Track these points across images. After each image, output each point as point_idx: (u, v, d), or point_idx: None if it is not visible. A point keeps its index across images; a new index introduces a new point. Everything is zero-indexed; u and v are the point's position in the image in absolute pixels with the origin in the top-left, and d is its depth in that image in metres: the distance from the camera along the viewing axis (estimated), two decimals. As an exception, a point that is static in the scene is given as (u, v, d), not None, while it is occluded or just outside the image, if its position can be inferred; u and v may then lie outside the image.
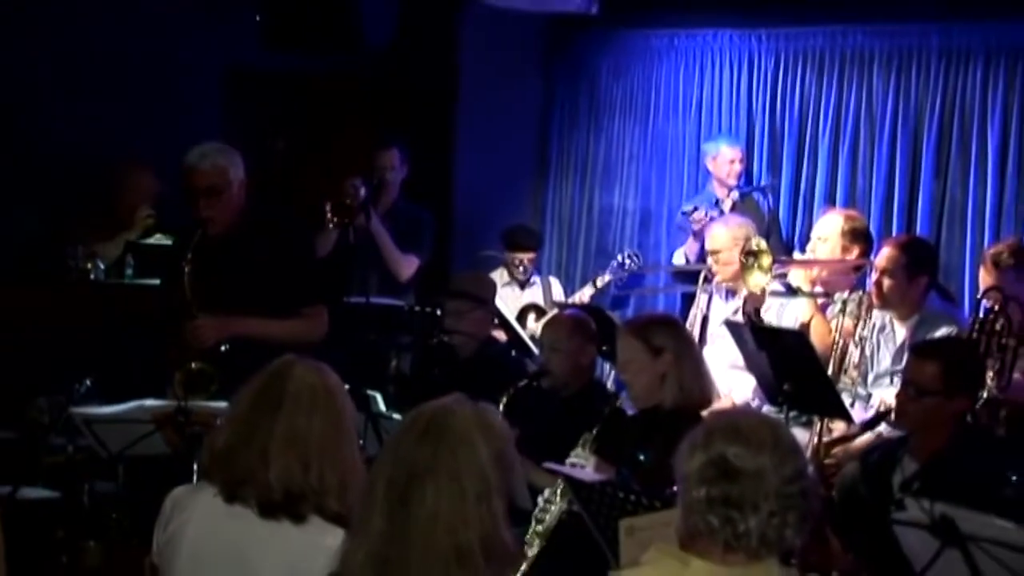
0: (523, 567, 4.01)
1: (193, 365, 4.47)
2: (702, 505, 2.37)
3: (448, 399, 2.54)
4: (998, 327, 4.45)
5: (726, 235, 5.79)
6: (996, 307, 4.49)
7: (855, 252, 5.48)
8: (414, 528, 2.38)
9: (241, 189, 4.64)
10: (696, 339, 5.83)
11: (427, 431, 2.46)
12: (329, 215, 6.03)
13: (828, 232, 5.53)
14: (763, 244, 5.29)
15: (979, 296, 4.76)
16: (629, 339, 4.27)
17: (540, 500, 4.14)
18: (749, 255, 5.25)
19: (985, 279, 4.81)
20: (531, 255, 7.05)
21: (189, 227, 4.66)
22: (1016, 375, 4.49)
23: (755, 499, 2.34)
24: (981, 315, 4.52)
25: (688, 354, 4.27)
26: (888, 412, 4.12)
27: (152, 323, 4.86)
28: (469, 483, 2.40)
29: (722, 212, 6.74)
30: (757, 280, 5.23)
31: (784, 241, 7.10)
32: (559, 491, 4.12)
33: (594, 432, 4.32)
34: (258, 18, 6.66)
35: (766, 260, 5.23)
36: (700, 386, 4.25)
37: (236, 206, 4.63)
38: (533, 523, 4.11)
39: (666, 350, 4.18)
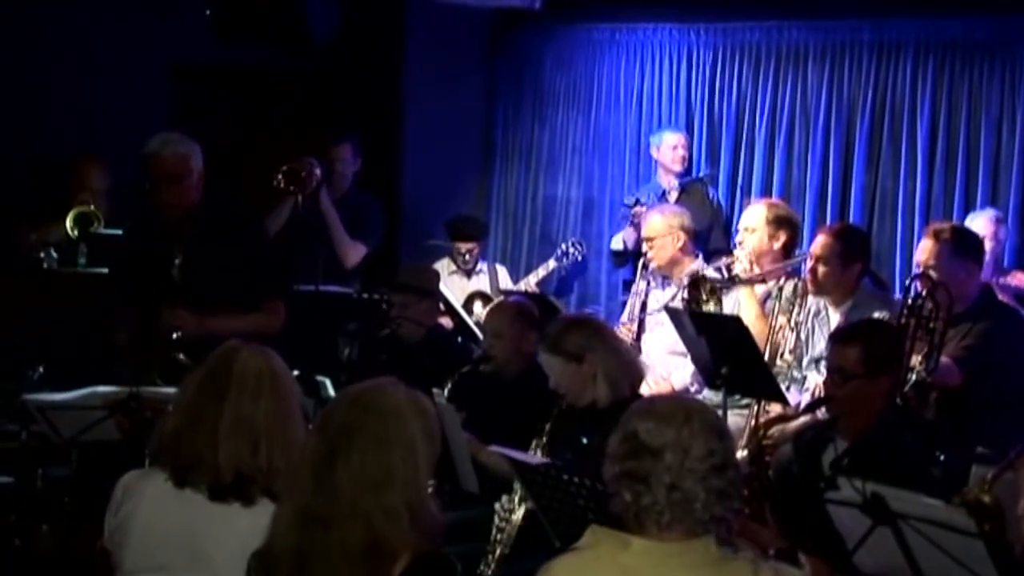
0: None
1: (181, 358, 4.48)
2: (616, 481, 2.46)
3: (382, 379, 2.61)
4: (926, 311, 4.47)
5: (661, 223, 5.88)
6: (924, 291, 4.51)
7: (782, 238, 5.56)
8: (340, 485, 2.44)
9: (200, 179, 4.70)
10: (635, 325, 5.98)
11: (359, 400, 2.54)
12: (281, 180, 6.08)
13: (754, 222, 5.60)
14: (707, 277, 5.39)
15: (908, 281, 4.82)
16: (547, 357, 4.29)
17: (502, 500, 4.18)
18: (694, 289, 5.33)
19: (923, 249, 4.83)
20: (474, 245, 7.11)
21: (139, 218, 4.72)
22: (944, 359, 4.51)
23: (657, 473, 2.40)
24: (910, 299, 4.54)
25: (609, 349, 4.28)
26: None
27: (105, 311, 4.89)
28: (397, 447, 2.47)
29: (665, 200, 6.87)
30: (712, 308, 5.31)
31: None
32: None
33: (545, 431, 4.31)
34: (208, 12, 6.67)
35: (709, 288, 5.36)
36: (628, 373, 4.30)
37: (195, 195, 4.69)
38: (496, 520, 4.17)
39: (587, 352, 4.21)
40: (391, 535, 2.42)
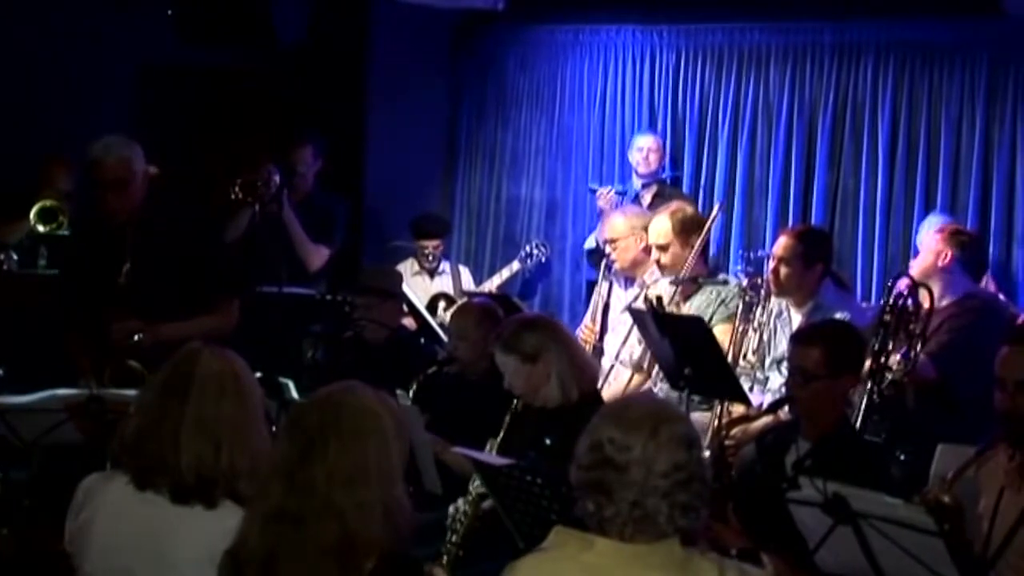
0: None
1: (133, 364, 4.45)
2: (581, 488, 2.46)
3: (346, 382, 2.62)
4: (908, 312, 4.52)
5: (623, 224, 5.90)
6: (906, 292, 4.55)
7: (695, 241, 5.52)
8: (315, 483, 2.45)
9: (144, 180, 4.66)
10: (598, 326, 5.99)
11: (330, 400, 2.55)
12: (238, 192, 6.08)
13: (664, 238, 5.53)
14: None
15: (889, 281, 4.84)
16: (503, 357, 4.29)
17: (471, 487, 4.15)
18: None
19: (935, 247, 4.87)
20: (438, 242, 7.10)
21: (86, 219, 4.67)
22: (922, 356, 4.57)
23: (621, 490, 2.40)
24: (891, 300, 4.57)
25: (563, 349, 4.29)
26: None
27: (63, 313, 4.86)
28: (372, 443, 2.49)
29: (638, 203, 6.89)
30: None
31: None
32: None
33: (499, 436, 4.31)
34: (169, 12, 6.65)
35: None
36: (582, 373, 4.31)
37: (140, 197, 4.66)
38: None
39: (541, 352, 4.22)
40: (364, 532, 2.44)
